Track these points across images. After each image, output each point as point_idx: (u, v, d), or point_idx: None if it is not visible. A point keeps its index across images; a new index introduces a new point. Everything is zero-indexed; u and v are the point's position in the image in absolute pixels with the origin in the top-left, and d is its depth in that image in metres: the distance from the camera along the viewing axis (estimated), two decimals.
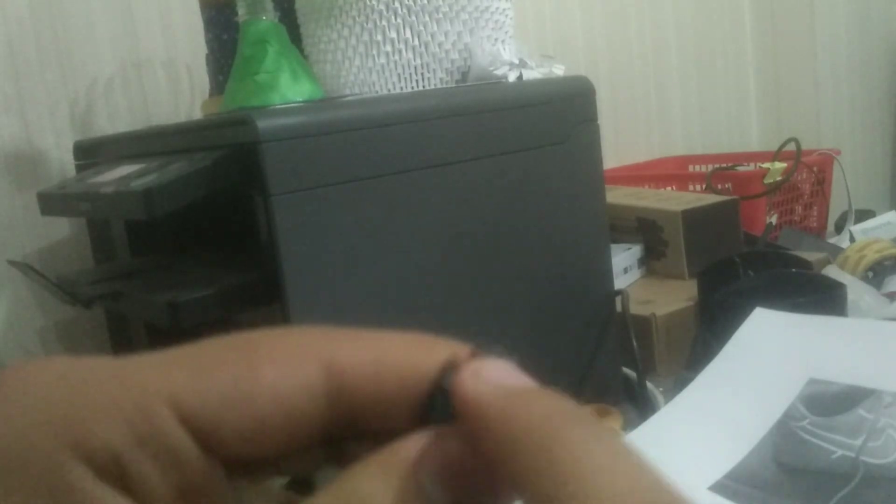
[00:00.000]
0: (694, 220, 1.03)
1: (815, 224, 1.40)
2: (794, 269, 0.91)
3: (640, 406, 0.81)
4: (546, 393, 0.17)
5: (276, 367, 0.17)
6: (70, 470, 0.16)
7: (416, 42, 0.78)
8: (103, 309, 0.89)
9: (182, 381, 0.16)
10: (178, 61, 1.07)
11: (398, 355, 0.18)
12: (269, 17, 0.75)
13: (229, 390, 0.16)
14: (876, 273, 1.01)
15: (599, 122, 0.81)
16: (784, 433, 0.62)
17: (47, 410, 0.16)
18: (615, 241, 1.03)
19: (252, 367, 0.17)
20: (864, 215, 1.39)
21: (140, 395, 0.16)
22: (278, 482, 0.20)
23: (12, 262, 0.84)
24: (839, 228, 1.40)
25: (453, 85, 0.80)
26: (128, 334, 0.89)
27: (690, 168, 1.56)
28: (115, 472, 0.16)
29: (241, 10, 0.75)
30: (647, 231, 1.07)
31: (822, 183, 1.39)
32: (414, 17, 0.78)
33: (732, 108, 1.82)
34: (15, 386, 0.17)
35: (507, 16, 0.83)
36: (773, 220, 1.28)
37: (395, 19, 0.77)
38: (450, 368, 0.18)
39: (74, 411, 0.16)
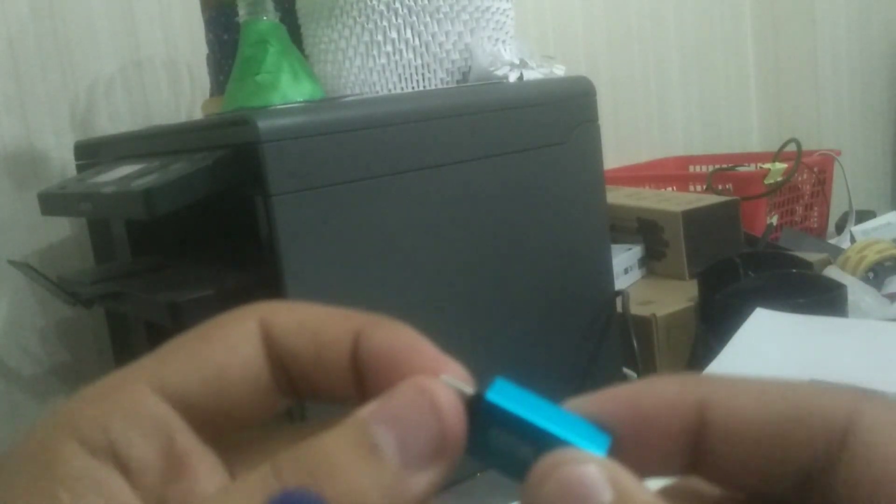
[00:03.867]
0: (694, 220, 1.03)
1: (815, 225, 1.40)
2: (794, 270, 0.91)
3: None
4: None
5: (224, 338, 0.21)
6: (63, 448, 0.18)
7: (417, 42, 0.78)
8: (103, 309, 0.89)
9: (156, 368, 0.20)
10: (178, 61, 1.07)
11: (319, 318, 0.21)
12: (269, 17, 0.75)
13: (190, 364, 0.20)
14: (876, 274, 1.01)
15: (600, 122, 0.81)
16: None
17: (51, 408, 0.19)
18: (615, 242, 1.03)
19: (205, 342, 0.21)
20: (864, 216, 1.38)
21: (121, 381, 0.20)
22: None
23: (13, 262, 0.84)
24: (840, 229, 1.39)
25: (454, 85, 0.80)
26: (128, 334, 0.89)
27: (691, 168, 1.56)
28: (106, 449, 0.18)
29: (242, 11, 0.75)
30: (647, 231, 1.07)
31: (822, 183, 1.39)
32: (414, 18, 0.78)
33: (733, 109, 1.82)
34: None
35: (507, 16, 0.83)
36: (774, 220, 1.27)
37: (396, 19, 0.77)
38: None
39: (71, 404, 0.19)
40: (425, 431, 0.18)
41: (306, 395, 0.21)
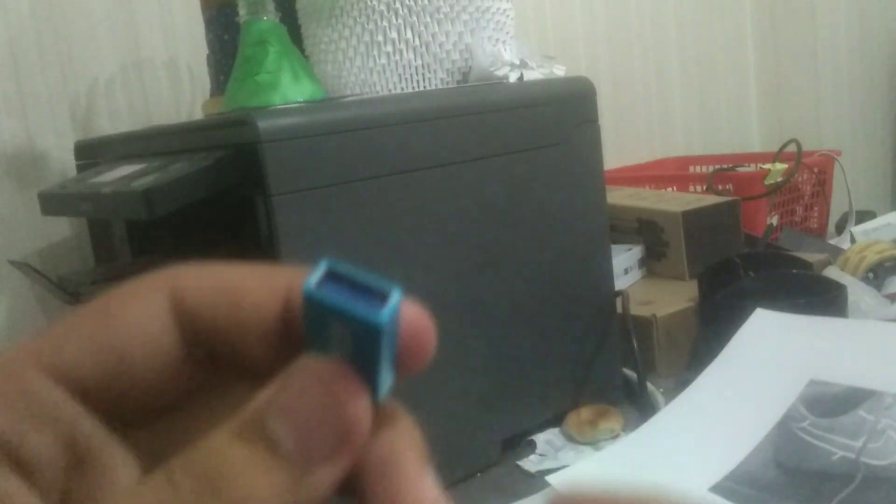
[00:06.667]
0: (694, 220, 1.03)
1: (815, 225, 1.40)
2: (794, 271, 0.91)
3: (640, 407, 0.81)
4: None
5: (125, 313, 0.18)
6: None
7: (417, 42, 0.78)
8: None
9: (47, 351, 0.17)
10: (178, 61, 1.07)
11: (238, 281, 0.19)
12: (269, 17, 0.75)
13: (87, 344, 0.18)
14: (876, 274, 1.01)
15: (600, 122, 0.81)
16: (785, 434, 0.62)
17: None
18: (616, 242, 1.03)
19: (105, 318, 0.18)
20: (864, 216, 1.38)
21: (7, 367, 0.17)
22: None
23: (13, 262, 0.84)
24: (840, 229, 1.39)
25: (454, 85, 0.80)
26: None
27: (691, 169, 1.56)
28: (4, 450, 0.16)
29: (242, 11, 0.75)
30: (647, 232, 1.07)
31: (822, 184, 1.39)
32: (415, 18, 0.78)
33: (733, 109, 1.82)
34: None
35: (507, 16, 0.83)
36: (774, 220, 1.27)
37: (396, 20, 0.77)
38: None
39: None
40: (326, 423, 0.16)
41: (232, 369, 0.19)
